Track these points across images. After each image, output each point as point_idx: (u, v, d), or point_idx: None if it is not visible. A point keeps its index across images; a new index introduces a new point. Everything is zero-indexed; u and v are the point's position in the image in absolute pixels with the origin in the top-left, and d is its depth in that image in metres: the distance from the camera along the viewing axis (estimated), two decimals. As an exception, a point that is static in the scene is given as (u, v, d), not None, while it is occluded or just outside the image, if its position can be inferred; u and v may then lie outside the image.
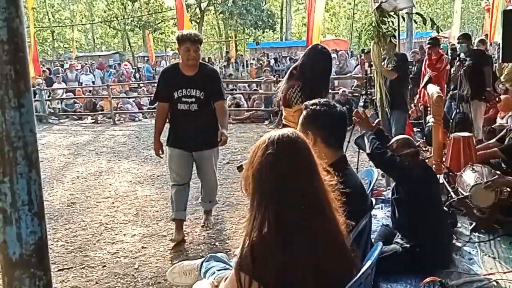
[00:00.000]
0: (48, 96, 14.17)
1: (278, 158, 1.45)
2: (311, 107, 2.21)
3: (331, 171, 1.59)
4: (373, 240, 3.02)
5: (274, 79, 12.39)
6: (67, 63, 22.38)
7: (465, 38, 6.71)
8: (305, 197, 1.46)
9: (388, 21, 4.86)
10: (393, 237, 3.32)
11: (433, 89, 5.12)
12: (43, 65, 20.18)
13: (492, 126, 6.07)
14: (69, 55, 31.01)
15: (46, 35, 35.57)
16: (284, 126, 3.48)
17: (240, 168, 2.13)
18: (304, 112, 2.22)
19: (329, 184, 1.53)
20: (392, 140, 3.46)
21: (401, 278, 3.00)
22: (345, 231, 1.53)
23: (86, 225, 4.86)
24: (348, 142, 5.56)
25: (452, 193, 3.98)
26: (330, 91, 11.60)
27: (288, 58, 20.52)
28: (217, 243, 4.20)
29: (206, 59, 22.31)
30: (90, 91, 15.12)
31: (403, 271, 3.04)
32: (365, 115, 3.47)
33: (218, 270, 2.06)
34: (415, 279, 2.94)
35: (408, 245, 3.09)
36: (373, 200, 2.17)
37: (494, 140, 4.88)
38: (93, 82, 16.82)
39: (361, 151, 4.49)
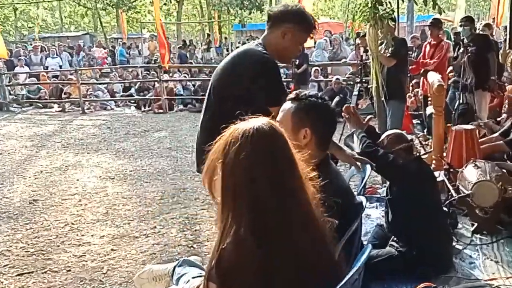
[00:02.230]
0: (9, 82, 13.95)
1: (254, 158, 1.42)
2: (309, 99, 2.06)
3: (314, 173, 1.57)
4: (366, 243, 3.03)
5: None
6: (31, 44, 22.09)
7: (468, 21, 6.72)
8: (284, 197, 1.44)
9: (386, 2, 4.86)
10: (388, 239, 3.33)
11: (434, 78, 5.13)
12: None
13: (497, 119, 6.12)
14: (34, 35, 30.58)
15: (7, 12, 35.01)
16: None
17: None
18: (297, 104, 2.06)
19: (309, 178, 1.52)
20: (383, 136, 3.46)
21: (395, 284, 3.01)
22: (328, 232, 1.53)
23: (49, 225, 4.81)
24: (341, 134, 5.58)
25: (452, 191, 4.00)
26: (323, 78, 11.73)
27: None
28: (194, 245, 4.18)
29: (188, 42, 22.20)
30: (56, 76, 14.93)
31: (399, 276, 3.05)
32: (355, 112, 3.43)
33: (193, 278, 2.05)
34: (411, 285, 2.95)
35: (404, 249, 3.10)
36: (364, 199, 2.16)
37: (497, 134, 4.92)
38: (60, 66, 16.63)
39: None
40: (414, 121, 7.57)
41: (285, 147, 1.49)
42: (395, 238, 3.27)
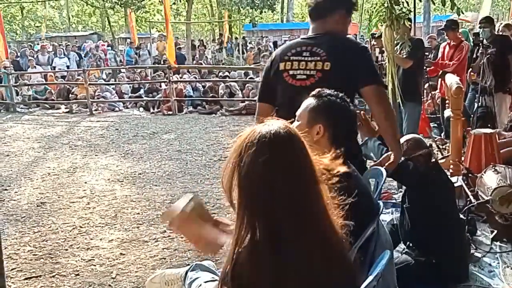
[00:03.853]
0: (15, 82, 14.08)
1: (271, 164, 1.42)
2: (328, 97, 2.20)
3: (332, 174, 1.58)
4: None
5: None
6: (38, 44, 22.27)
7: (487, 22, 6.69)
8: (301, 203, 1.44)
9: (403, 1, 4.86)
10: (398, 242, 3.33)
11: (452, 80, 5.12)
12: (10, 46, 20.06)
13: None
14: (41, 35, 30.83)
15: (14, 12, 35.33)
16: None
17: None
18: (316, 101, 2.20)
19: (327, 185, 1.52)
20: (401, 141, 3.39)
21: (411, 293, 3.01)
22: (345, 240, 1.53)
23: (57, 228, 4.85)
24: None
25: (471, 197, 3.99)
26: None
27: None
28: (205, 250, 4.19)
29: (197, 42, 22.30)
30: (64, 77, 15.03)
31: (415, 285, 3.04)
32: (366, 119, 3.35)
33: (205, 282, 2.07)
34: (428, 294, 2.95)
35: (420, 257, 3.09)
36: (381, 203, 2.16)
37: None
38: (67, 67, 16.75)
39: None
40: (431, 124, 7.52)
41: (303, 151, 1.49)
42: (411, 245, 3.26)
